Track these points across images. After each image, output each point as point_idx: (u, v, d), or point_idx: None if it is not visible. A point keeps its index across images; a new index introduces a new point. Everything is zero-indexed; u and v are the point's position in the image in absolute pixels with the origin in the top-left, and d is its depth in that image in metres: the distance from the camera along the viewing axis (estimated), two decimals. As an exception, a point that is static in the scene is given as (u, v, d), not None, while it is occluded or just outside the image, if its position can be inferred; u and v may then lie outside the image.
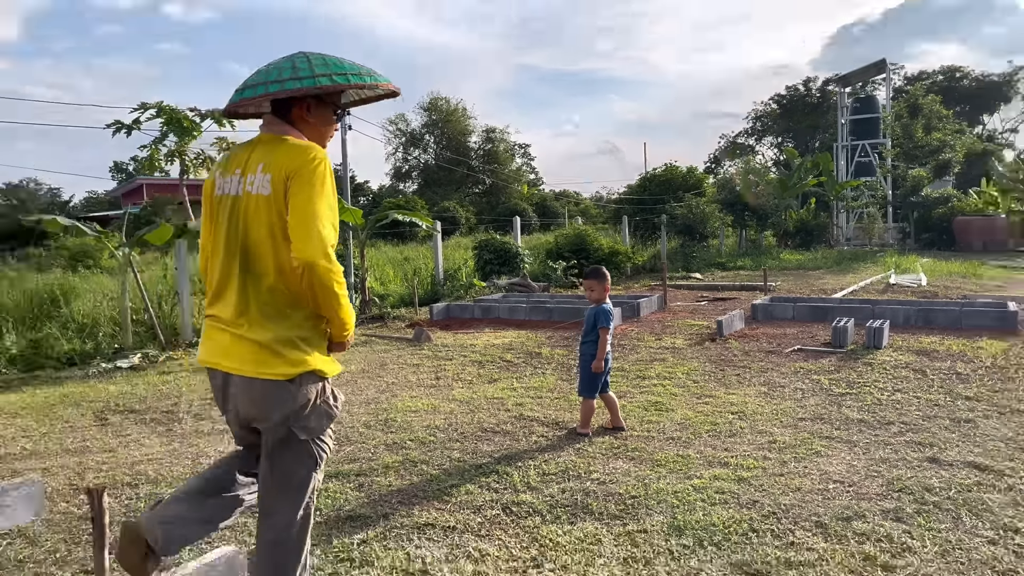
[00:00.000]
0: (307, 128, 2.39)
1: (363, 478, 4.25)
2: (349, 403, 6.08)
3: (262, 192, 2.17)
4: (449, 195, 45.82)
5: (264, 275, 2.19)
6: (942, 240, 31.34)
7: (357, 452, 4.75)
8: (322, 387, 2.31)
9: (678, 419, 5.32)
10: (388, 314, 11.91)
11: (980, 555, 3.12)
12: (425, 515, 3.67)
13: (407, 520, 3.62)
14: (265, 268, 2.19)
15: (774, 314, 9.99)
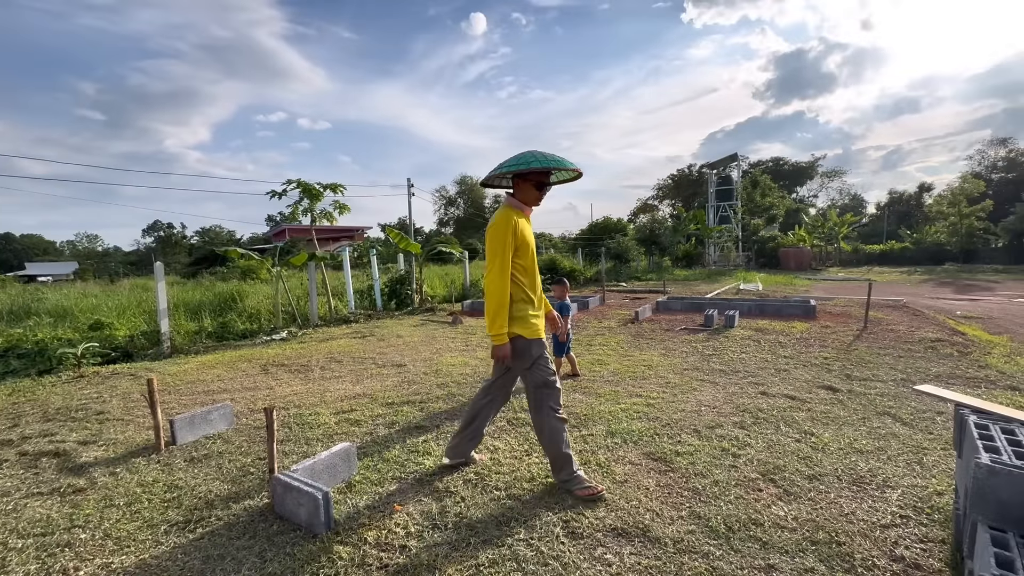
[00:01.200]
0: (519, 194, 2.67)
1: (423, 404, 4.31)
2: (413, 361, 6.15)
3: None
4: (473, 235, 45.73)
5: None
6: (772, 263, 31.38)
7: (419, 390, 4.80)
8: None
9: (612, 369, 5.37)
10: (436, 307, 11.93)
11: (789, 447, 3.20)
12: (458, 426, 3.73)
13: (450, 428, 3.67)
14: None
15: (670, 307, 10.04)
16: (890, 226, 44.02)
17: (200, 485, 2.94)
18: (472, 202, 54.81)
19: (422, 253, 12.72)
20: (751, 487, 2.71)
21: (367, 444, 3.45)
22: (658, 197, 53.96)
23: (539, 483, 2.80)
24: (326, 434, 3.67)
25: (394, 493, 2.75)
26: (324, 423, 3.91)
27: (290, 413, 4.19)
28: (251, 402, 4.60)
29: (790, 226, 37.86)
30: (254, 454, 3.36)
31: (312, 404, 4.44)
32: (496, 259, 2.51)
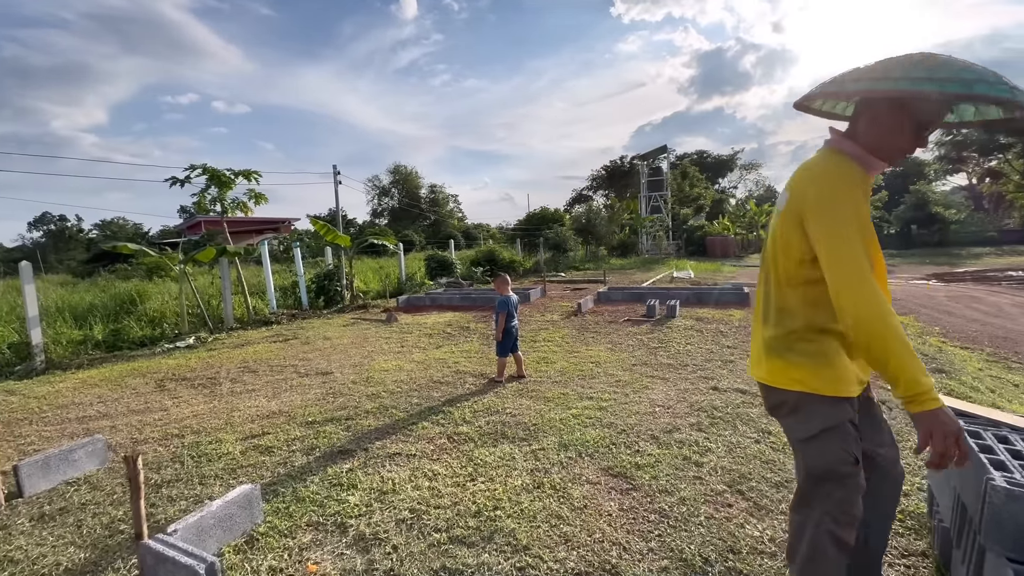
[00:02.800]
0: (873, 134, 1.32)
1: (350, 421, 3.75)
2: (341, 367, 5.51)
3: (780, 208, 1.44)
4: (408, 226, 44.28)
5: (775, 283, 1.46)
6: (700, 251, 32.88)
7: (347, 403, 4.22)
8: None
9: (559, 368, 5.06)
10: (368, 304, 11.16)
11: (751, 451, 3.02)
12: (394, 447, 3.24)
13: (381, 451, 3.18)
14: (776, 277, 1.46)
15: (611, 298, 9.95)
16: (801, 215, 47.69)
17: (47, 555, 2.25)
18: (408, 192, 53.06)
19: (352, 246, 11.85)
20: (720, 502, 2.46)
21: (279, 479, 2.87)
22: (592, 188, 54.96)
23: (486, 517, 2.39)
24: (229, 468, 3.05)
25: (308, 546, 2.22)
26: (227, 453, 3.26)
27: (185, 443, 3.49)
28: (137, 430, 3.82)
29: (715, 216, 39.90)
30: (129, 504, 2.68)
31: (215, 428, 3.75)
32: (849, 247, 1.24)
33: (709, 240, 32.65)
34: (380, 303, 11.36)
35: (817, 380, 1.38)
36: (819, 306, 1.38)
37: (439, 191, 54.79)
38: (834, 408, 1.38)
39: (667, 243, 33.48)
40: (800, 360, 1.40)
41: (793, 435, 1.47)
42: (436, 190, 54.65)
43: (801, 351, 1.40)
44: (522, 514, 2.40)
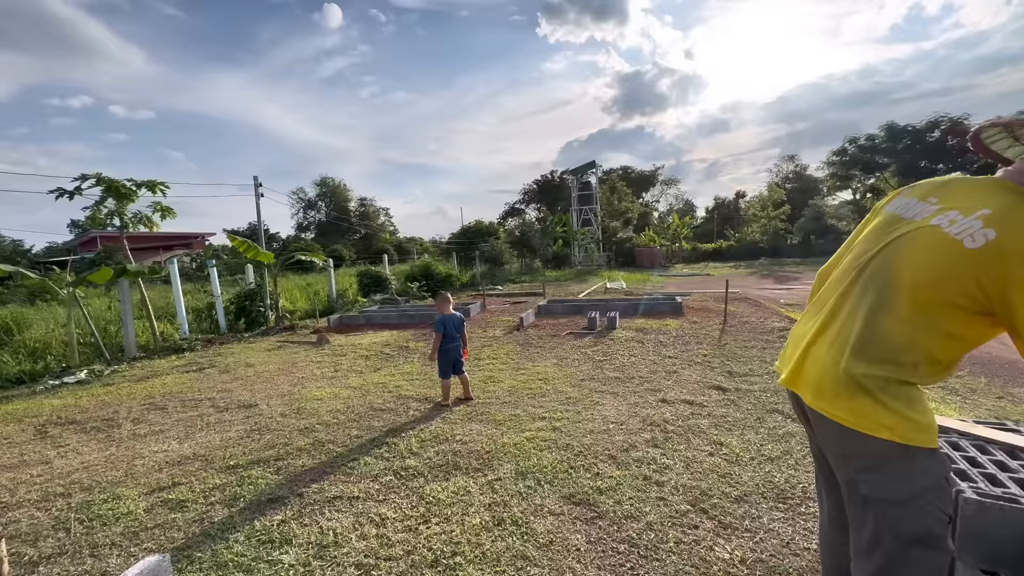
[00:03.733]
0: None
1: (280, 462, 3.34)
2: (267, 398, 4.99)
3: (962, 239, 1.11)
4: (337, 241, 42.44)
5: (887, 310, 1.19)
6: (629, 262, 34.27)
7: (275, 440, 3.78)
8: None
9: (507, 387, 4.89)
10: (297, 325, 10.40)
11: (707, 464, 3.01)
12: (334, 489, 2.90)
13: (319, 496, 2.83)
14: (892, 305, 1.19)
15: (552, 311, 9.97)
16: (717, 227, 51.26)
17: None
18: (336, 205, 50.99)
19: (277, 263, 11.04)
20: (687, 524, 2.39)
21: (195, 540, 2.45)
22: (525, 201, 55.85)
23: (445, 567, 2.15)
24: (130, 533, 2.57)
25: (234, 624, 1.87)
26: (128, 513, 2.76)
27: (72, 503, 2.92)
28: (8, 491, 3.17)
29: (642, 228, 41.86)
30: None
31: (112, 482, 3.19)
32: None
33: (637, 251, 34.12)
34: (309, 324, 10.63)
35: (915, 430, 1.16)
36: (939, 363, 1.19)
37: (369, 204, 53.17)
38: (936, 463, 1.18)
39: (599, 255, 34.53)
40: (898, 406, 1.16)
41: (877, 492, 1.19)
42: (366, 203, 52.99)
43: (896, 395, 1.17)
44: (484, 558, 2.19)
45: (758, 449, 3.19)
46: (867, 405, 1.18)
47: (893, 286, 1.19)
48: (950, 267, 1.11)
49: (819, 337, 1.32)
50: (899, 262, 1.20)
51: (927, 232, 1.18)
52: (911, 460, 1.16)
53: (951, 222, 1.15)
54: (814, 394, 1.28)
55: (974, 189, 1.20)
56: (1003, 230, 1.07)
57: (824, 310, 1.34)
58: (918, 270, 1.16)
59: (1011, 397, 4.29)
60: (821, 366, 1.27)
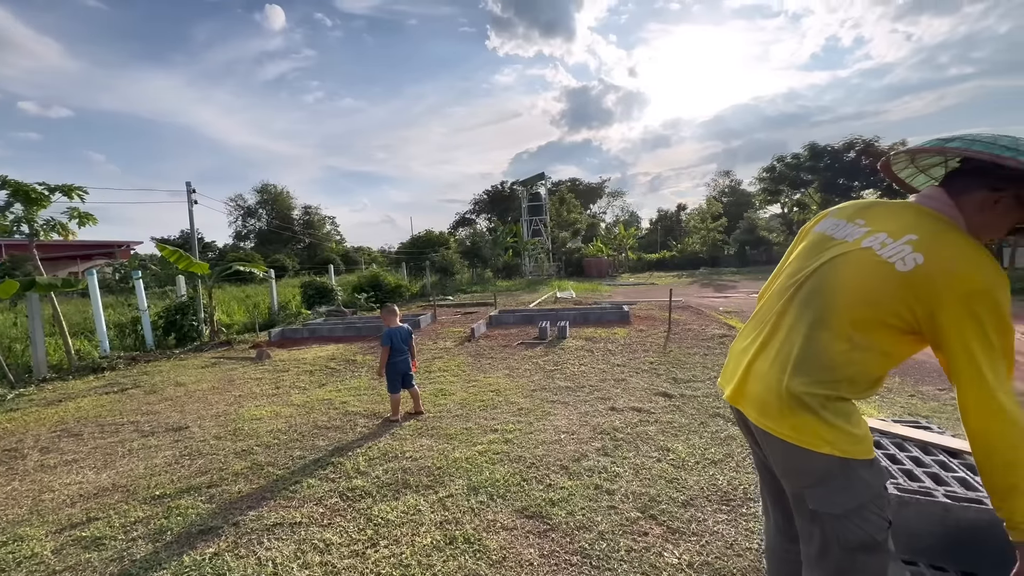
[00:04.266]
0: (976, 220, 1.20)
1: (214, 489, 3.11)
2: (200, 419, 4.66)
3: (894, 262, 1.16)
4: (279, 250, 40.60)
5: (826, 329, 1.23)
6: (578, 272, 34.97)
7: (208, 465, 3.52)
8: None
9: (458, 400, 4.82)
10: (234, 339, 9.81)
11: (655, 471, 3.08)
12: (273, 515, 2.73)
13: (257, 524, 2.65)
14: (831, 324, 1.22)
15: (503, 321, 9.97)
16: (661, 238, 53.45)
17: None
18: (278, 213, 48.86)
19: (212, 273, 10.40)
20: (637, 531, 2.43)
21: (113, 582, 2.22)
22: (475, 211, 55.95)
23: (395, 591, 2.07)
24: (34, 577, 2.29)
25: (158, 674, 1.71)
26: (33, 556, 2.47)
27: (-36, 548, 2.58)
28: None
29: (590, 239, 42.91)
30: None
31: (15, 521, 2.85)
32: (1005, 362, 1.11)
33: (586, 261, 34.88)
34: (248, 338, 10.06)
35: (853, 443, 1.21)
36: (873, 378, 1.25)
37: (314, 212, 51.33)
38: (875, 473, 1.24)
39: (548, 265, 35.07)
40: (838, 421, 1.21)
41: (823, 506, 1.23)
42: (311, 211, 51.14)
43: (836, 411, 1.22)
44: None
45: (702, 453, 3.30)
46: (809, 422, 1.22)
47: (831, 306, 1.23)
48: (884, 289, 1.16)
49: (760, 354, 1.36)
50: (835, 283, 1.25)
51: (860, 254, 1.23)
52: (852, 472, 1.20)
53: (882, 244, 1.21)
54: (759, 412, 1.32)
55: (897, 213, 1.26)
56: (930, 256, 1.13)
57: (764, 327, 1.39)
58: (854, 291, 1.21)
59: (920, 395, 4.70)
60: (764, 384, 1.31)
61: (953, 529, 1.50)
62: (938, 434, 2.08)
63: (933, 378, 5.28)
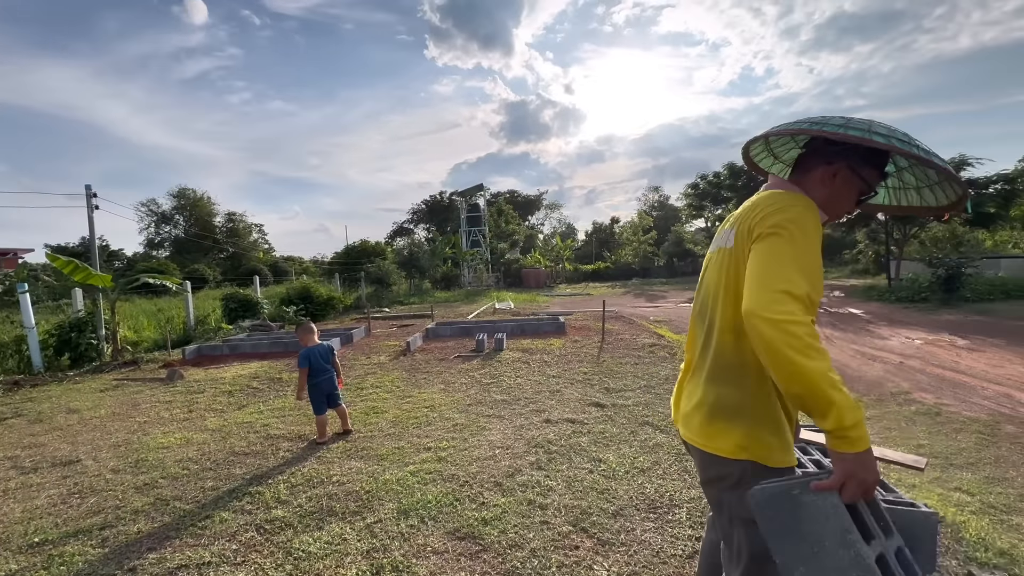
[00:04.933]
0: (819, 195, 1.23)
1: (108, 531, 2.78)
2: (95, 450, 4.18)
3: (726, 245, 1.27)
4: (198, 260, 37.71)
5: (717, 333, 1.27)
6: (516, 282, 35.32)
7: (102, 502, 3.15)
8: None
9: (391, 418, 4.66)
10: (142, 358, 8.92)
11: (587, 482, 3.13)
12: (178, 556, 2.48)
13: (158, 568, 2.39)
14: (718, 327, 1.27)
15: (440, 334, 9.82)
16: (596, 250, 55.28)
17: None
18: (197, 220, 45.43)
19: (116, 286, 9.46)
20: (568, 545, 2.44)
21: (-27, 650, 1.92)
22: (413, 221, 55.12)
23: (314, 631, 1.93)
24: None
25: None
26: None
27: None
28: None
29: (528, 250, 43.56)
30: None
31: None
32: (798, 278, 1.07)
33: (524, 272, 35.31)
34: (159, 356, 9.21)
35: (766, 449, 1.21)
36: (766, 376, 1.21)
37: (239, 220, 48.21)
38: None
39: (487, 275, 35.14)
40: (752, 427, 1.22)
41: (738, 512, 1.24)
42: (235, 219, 48.01)
43: (749, 416, 1.23)
44: (360, 614, 2.01)
45: (632, 462, 3.40)
46: (724, 429, 1.25)
47: (712, 308, 1.31)
48: (729, 272, 1.25)
49: (686, 374, 1.46)
50: (709, 286, 1.34)
51: (717, 253, 1.34)
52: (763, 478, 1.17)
53: (724, 238, 1.31)
54: (684, 426, 1.37)
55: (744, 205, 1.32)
56: (736, 221, 1.26)
57: (690, 350, 1.47)
58: (717, 285, 1.29)
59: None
60: (687, 398, 1.39)
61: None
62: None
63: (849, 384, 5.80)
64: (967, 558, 2.25)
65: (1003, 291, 14.15)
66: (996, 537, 2.42)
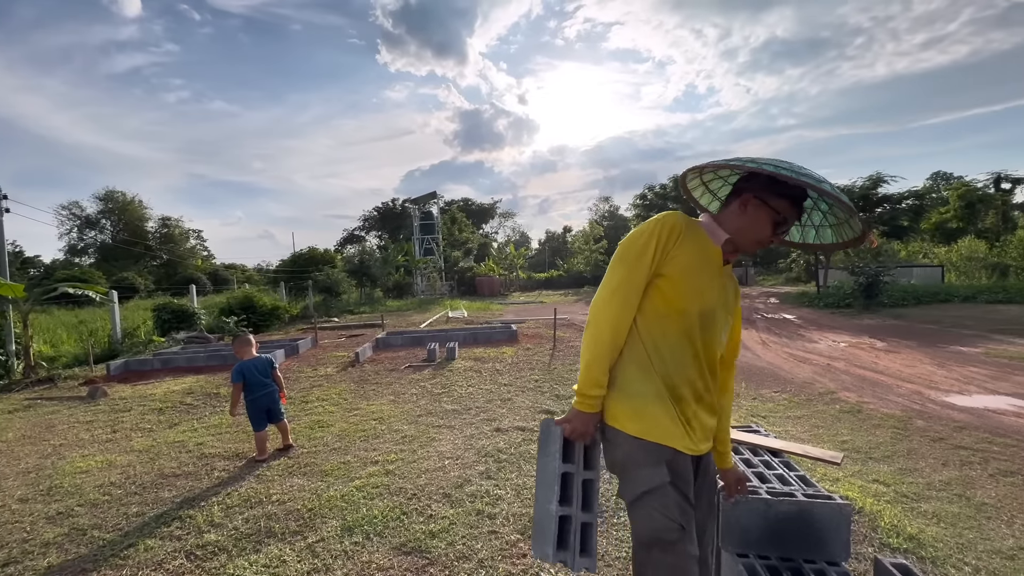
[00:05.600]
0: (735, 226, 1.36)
1: (12, 567, 2.52)
2: (2, 477, 3.79)
3: None
4: (128, 267, 35.11)
5: None
6: (470, 290, 35.23)
7: (6, 536, 2.85)
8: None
9: (337, 432, 4.51)
10: (59, 375, 8.18)
11: (504, 504, 3.13)
12: (95, 591, 2.29)
13: (71, 605, 2.20)
14: None
15: (390, 343, 9.62)
16: (549, 258, 56.10)
17: None
18: (126, 225, 42.34)
19: (30, 296, 8.66)
20: (516, 554, 2.45)
21: None
22: (365, 228, 53.94)
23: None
24: None
25: None
26: None
27: None
28: None
29: (482, 258, 43.59)
30: None
31: None
32: (612, 274, 1.33)
33: (478, 280, 35.31)
34: (79, 373, 8.49)
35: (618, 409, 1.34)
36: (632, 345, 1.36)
37: (175, 225, 45.37)
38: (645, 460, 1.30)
39: (441, 284, 34.83)
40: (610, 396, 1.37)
41: (621, 495, 1.37)
42: (171, 224, 45.15)
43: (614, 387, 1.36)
44: (298, 639, 1.92)
45: (580, 468, 3.45)
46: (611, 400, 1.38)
47: None
48: None
49: None
50: None
51: None
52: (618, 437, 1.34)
53: None
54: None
55: None
56: None
57: None
58: None
59: (761, 397, 5.43)
60: None
61: (773, 522, 1.73)
62: (764, 436, 2.42)
63: (770, 383, 6.14)
64: (881, 544, 2.44)
65: (915, 297, 15.54)
66: (907, 524, 2.64)
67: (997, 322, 10.84)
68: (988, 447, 3.84)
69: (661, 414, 1.31)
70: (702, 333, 1.34)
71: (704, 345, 1.35)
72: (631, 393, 1.33)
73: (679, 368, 1.33)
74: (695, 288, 1.32)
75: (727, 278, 1.42)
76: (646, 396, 1.32)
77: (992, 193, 33.48)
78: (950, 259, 25.43)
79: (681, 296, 1.31)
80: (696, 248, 1.33)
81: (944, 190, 38.38)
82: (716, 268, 1.36)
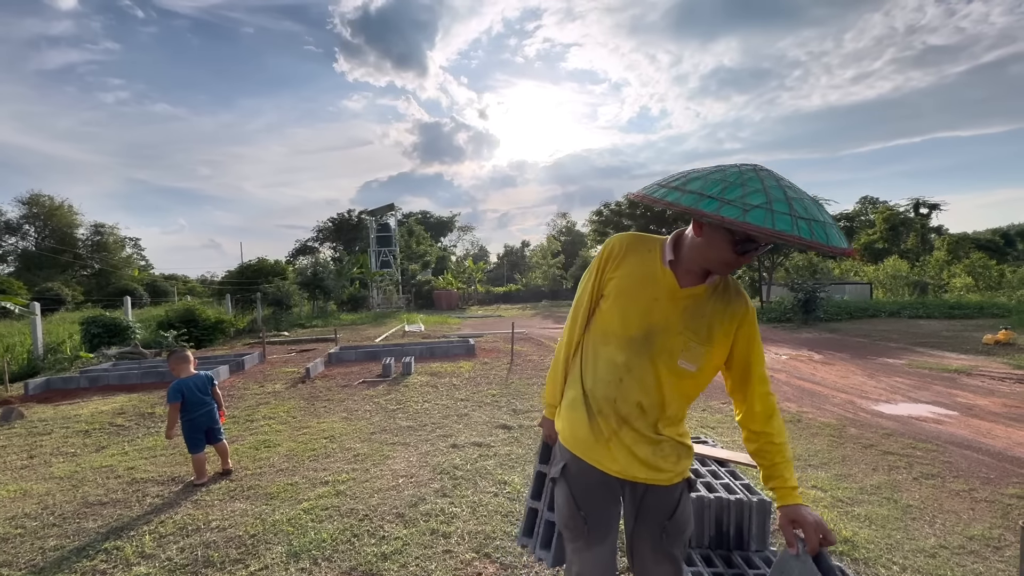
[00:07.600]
0: (694, 251, 1.24)
1: (-99, 614, 2.25)
2: None
3: None
4: (54, 277, 32.46)
5: None
6: (428, 304, 34.81)
7: None
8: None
9: (284, 452, 4.30)
10: (-34, 395, 7.41)
11: (492, 506, 3.12)
12: (2, 636, 2.06)
13: (-28, 653, 1.97)
14: None
15: (344, 358, 9.32)
16: (507, 272, 56.41)
17: None
18: (53, 231, 39.24)
19: (-65, 309, 7.83)
20: (471, 573, 2.41)
21: None
22: (319, 239, 52.41)
23: None
24: None
25: None
26: None
27: None
28: None
29: (440, 271, 43.25)
30: None
31: None
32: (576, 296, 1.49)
33: (436, 294, 34.94)
34: (-9, 392, 7.71)
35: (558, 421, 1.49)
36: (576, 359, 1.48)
37: (109, 232, 42.41)
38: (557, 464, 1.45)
39: (398, 297, 34.24)
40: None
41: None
42: (104, 231, 42.18)
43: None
44: (236, 676, 1.80)
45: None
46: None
47: None
48: None
49: None
50: None
51: None
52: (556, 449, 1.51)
53: None
54: None
55: None
56: None
57: None
58: None
59: (711, 409, 5.63)
60: None
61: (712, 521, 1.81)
62: (712, 447, 2.51)
63: (719, 395, 6.38)
64: (819, 548, 2.57)
65: (847, 312, 16.65)
66: (842, 527, 2.79)
67: (918, 336, 11.77)
68: (912, 452, 4.14)
69: (575, 420, 1.40)
70: (637, 357, 1.29)
71: (642, 369, 1.29)
72: (565, 401, 1.47)
73: (603, 387, 1.34)
74: (624, 310, 1.31)
75: (691, 299, 1.29)
76: (570, 403, 1.43)
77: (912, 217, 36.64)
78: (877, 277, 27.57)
79: (611, 318, 1.34)
80: (636, 270, 1.31)
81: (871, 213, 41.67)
82: (663, 290, 1.28)
